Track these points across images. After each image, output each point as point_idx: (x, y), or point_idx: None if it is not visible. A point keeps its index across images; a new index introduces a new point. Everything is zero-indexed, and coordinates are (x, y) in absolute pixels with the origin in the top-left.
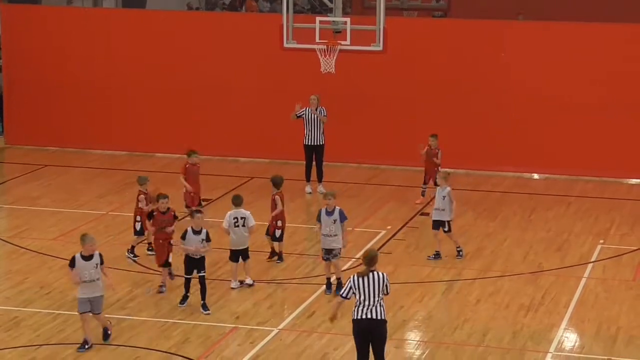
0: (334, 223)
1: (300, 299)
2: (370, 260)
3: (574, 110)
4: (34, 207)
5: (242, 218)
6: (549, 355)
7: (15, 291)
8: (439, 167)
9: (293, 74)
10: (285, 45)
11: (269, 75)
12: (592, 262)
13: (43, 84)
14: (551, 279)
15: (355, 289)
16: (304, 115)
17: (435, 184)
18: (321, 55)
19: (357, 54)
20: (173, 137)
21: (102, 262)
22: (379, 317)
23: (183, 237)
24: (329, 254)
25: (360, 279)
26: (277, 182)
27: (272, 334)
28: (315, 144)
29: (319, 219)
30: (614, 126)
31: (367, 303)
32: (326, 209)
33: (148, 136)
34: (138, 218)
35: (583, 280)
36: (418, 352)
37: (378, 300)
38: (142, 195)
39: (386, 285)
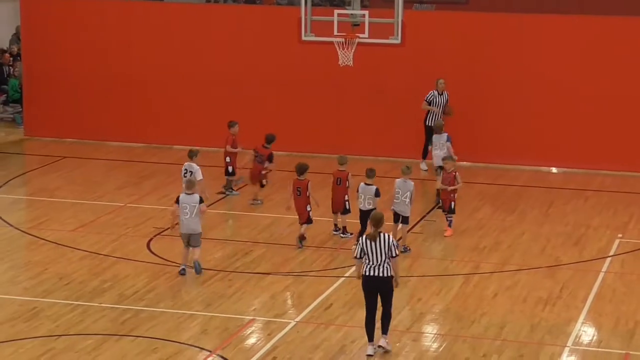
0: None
1: (318, 291)
2: (377, 222)
3: (593, 104)
4: (52, 198)
5: (190, 171)
6: (567, 349)
7: (34, 282)
8: (456, 193)
9: (311, 66)
10: (304, 38)
11: (287, 68)
12: (611, 256)
13: (62, 76)
14: (569, 273)
15: (364, 248)
16: (432, 99)
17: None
18: (339, 48)
19: (375, 47)
20: (191, 129)
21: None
22: (383, 275)
23: None
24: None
25: (368, 241)
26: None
27: (290, 326)
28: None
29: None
30: (633, 120)
31: (373, 263)
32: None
33: (166, 128)
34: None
35: (601, 275)
36: (435, 345)
37: (384, 260)
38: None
39: (390, 248)
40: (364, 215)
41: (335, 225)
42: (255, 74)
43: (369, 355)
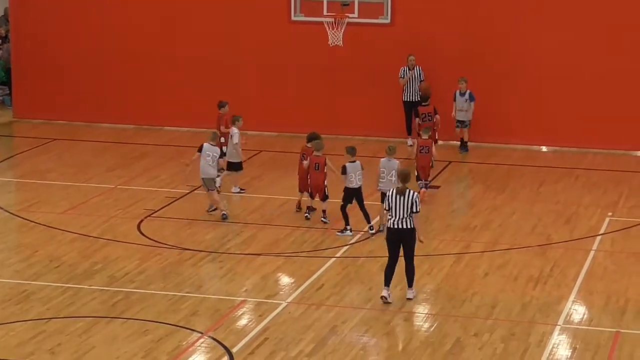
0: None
1: (309, 272)
2: (404, 177)
3: (583, 82)
4: (43, 180)
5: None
6: (558, 327)
7: (24, 264)
8: (433, 163)
9: (300, 47)
10: (293, 18)
11: (277, 49)
12: (601, 234)
13: (51, 57)
14: (560, 251)
15: (390, 202)
16: (405, 76)
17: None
18: (329, 28)
19: (365, 26)
20: (181, 110)
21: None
22: (404, 227)
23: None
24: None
25: (396, 195)
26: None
27: (281, 307)
28: (414, 100)
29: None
30: (623, 98)
31: (396, 217)
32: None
33: (156, 109)
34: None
35: (592, 253)
36: (426, 325)
37: (406, 215)
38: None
39: (412, 204)
40: (353, 193)
41: (305, 207)
42: (245, 54)
43: (382, 297)
